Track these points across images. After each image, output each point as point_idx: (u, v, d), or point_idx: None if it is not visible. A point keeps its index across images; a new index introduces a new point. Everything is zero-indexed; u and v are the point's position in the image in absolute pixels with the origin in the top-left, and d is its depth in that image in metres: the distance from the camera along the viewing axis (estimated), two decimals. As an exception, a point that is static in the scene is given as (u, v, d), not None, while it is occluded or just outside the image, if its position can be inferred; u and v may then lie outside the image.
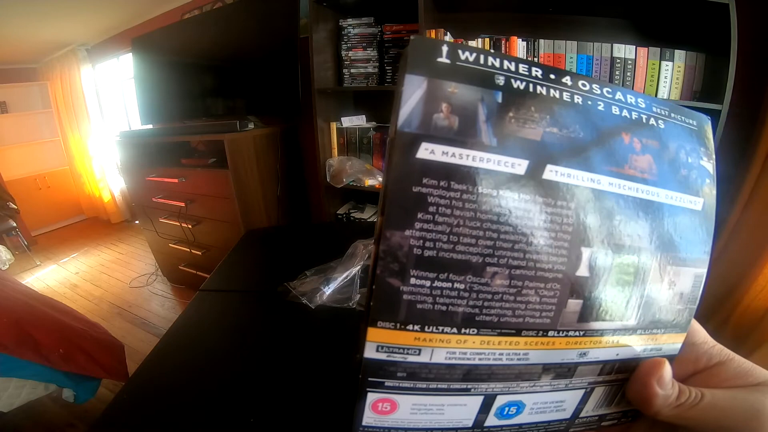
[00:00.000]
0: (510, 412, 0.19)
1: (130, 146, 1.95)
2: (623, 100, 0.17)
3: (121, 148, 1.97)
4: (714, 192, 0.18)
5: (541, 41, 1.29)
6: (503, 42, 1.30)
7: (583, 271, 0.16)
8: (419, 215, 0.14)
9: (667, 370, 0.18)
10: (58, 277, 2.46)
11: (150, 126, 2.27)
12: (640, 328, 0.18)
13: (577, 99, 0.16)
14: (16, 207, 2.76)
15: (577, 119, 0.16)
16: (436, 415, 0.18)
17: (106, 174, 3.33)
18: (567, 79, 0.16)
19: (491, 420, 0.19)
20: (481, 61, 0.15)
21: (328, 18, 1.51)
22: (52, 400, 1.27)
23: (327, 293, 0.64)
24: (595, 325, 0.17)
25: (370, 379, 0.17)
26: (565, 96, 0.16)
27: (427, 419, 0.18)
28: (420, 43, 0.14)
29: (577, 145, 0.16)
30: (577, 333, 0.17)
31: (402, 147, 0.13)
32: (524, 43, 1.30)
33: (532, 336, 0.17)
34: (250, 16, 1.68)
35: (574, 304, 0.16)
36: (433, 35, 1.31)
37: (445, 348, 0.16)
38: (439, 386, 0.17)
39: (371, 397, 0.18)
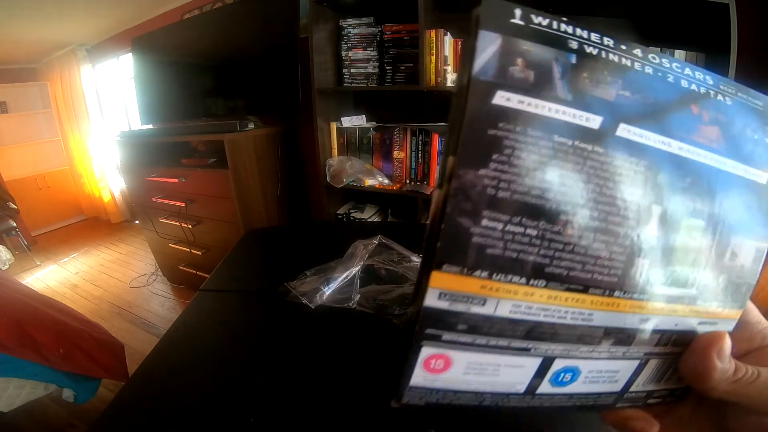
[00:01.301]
0: (564, 379, 0.19)
1: (130, 146, 1.95)
2: (691, 74, 0.17)
3: (121, 148, 1.97)
4: None
5: (541, 41, 1.29)
6: (503, 42, 1.30)
7: (652, 230, 0.16)
8: (494, 156, 0.14)
9: (728, 343, 0.18)
10: (58, 277, 2.47)
11: (150, 126, 2.27)
12: (701, 298, 0.18)
13: (648, 69, 0.16)
14: (16, 207, 2.76)
15: (649, 86, 0.16)
16: (490, 377, 0.18)
17: (106, 174, 3.33)
18: (638, 51, 0.16)
19: (545, 386, 0.19)
20: (554, 26, 0.15)
21: (328, 18, 1.51)
22: (52, 400, 1.27)
23: (327, 293, 0.64)
24: (659, 289, 0.17)
25: (427, 330, 0.16)
26: (636, 65, 0.16)
27: (479, 381, 0.18)
28: (493, 4, 0.14)
29: (648, 109, 0.16)
30: (641, 297, 0.17)
31: (478, 93, 0.14)
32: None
33: (598, 295, 0.16)
34: (250, 16, 1.68)
35: (641, 264, 0.17)
36: (433, 35, 1.31)
37: (511, 300, 0.16)
38: (500, 343, 0.17)
39: (425, 352, 0.17)
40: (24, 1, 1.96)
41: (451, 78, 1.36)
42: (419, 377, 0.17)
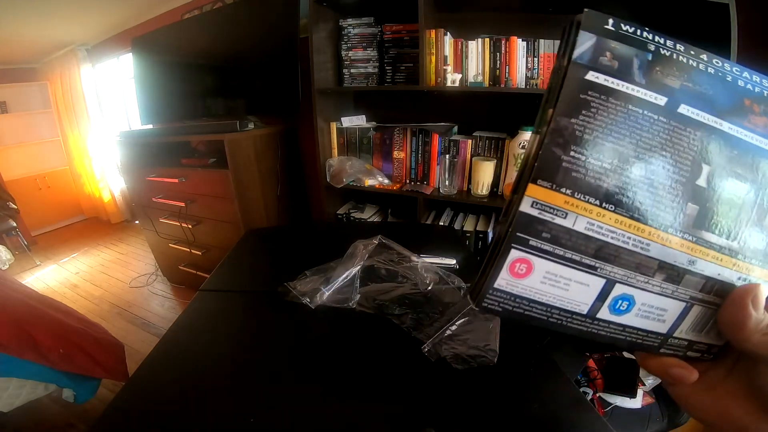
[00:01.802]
0: (621, 307, 0.22)
1: (130, 146, 1.95)
2: (749, 78, 0.20)
3: (121, 148, 1.97)
4: None
5: (541, 41, 1.29)
6: (503, 42, 1.30)
7: (701, 182, 0.20)
8: (583, 111, 0.19)
9: (762, 292, 0.19)
10: (58, 277, 2.46)
11: (150, 126, 2.27)
12: (742, 253, 0.21)
13: (711, 70, 0.20)
14: (16, 207, 2.76)
15: (709, 82, 0.20)
16: (561, 290, 0.21)
17: (106, 174, 3.33)
18: (704, 56, 0.20)
19: (603, 312, 0.22)
20: (638, 33, 0.20)
21: (328, 18, 1.51)
22: (52, 400, 1.27)
23: (327, 293, 0.64)
24: (706, 235, 0.20)
25: (518, 234, 0.20)
26: (701, 66, 0.20)
27: (552, 293, 0.21)
28: (592, 14, 0.19)
29: (706, 98, 0.20)
30: (690, 237, 0.20)
31: (576, 70, 0.19)
32: (524, 43, 1.30)
33: (655, 228, 0.20)
34: (250, 16, 1.68)
35: (692, 208, 0.20)
36: (433, 35, 1.31)
37: (586, 217, 0.20)
38: (573, 257, 0.20)
39: (513, 254, 0.20)
40: (24, 1, 1.96)
41: (451, 78, 1.36)
42: (503, 280, 0.21)
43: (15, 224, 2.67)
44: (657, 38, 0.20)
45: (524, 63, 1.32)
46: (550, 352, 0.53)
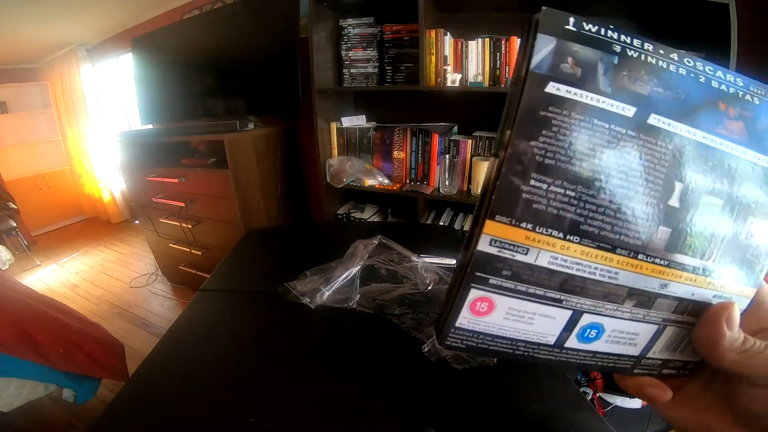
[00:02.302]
0: (590, 336, 0.21)
1: (130, 146, 1.95)
2: (723, 77, 0.19)
3: (121, 148, 1.97)
4: None
5: (541, 41, 1.29)
6: (503, 42, 1.30)
7: (674, 202, 0.19)
8: (543, 132, 0.17)
9: (736, 311, 0.19)
10: (58, 277, 2.46)
11: (150, 126, 2.27)
12: (717, 272, 0.20)
13: (682, 71, 0.19)
14: (16, 207, 2.76)
15: (680, 85, 0.18)
16: (525, 325, 0.20)
17: (106, 174, 3.33)
18: (674, 55, 0.19)
19: (572, 341, 0.21)
20: (602, 32, 0.18)
21: (328, 18, 1.51)
22: (52, 400, 1.27)
23: (327, 293, 0.64)
24: (679, 257, 0.19)
25: (477, 273, 0.19)
26: (672, 67, 0.18)
27: (516, 328, 0.20)
28: (551, 13, 0.17)
29: (678, 104, 0.18)
30: (662, 262, 0.19)
31: (534, 83, 0.17)
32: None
33: (624, 255, 0.19)
34: (250, 16, 1.68)
35: (663, 231, 0.19)
36: (433, 35, 1.31)
37: (549, 252, 0.18)
38: (537, 292, 0.19)
39: (473, 294, 0.19)
40: (24, 1, 1.96)
41: (451, 78, 1.36)
42: (464, 319, 0.20)
43: (15, 224, 2.67)
44: (623, 37, 0.18)
45: (524, 63, 1.32)
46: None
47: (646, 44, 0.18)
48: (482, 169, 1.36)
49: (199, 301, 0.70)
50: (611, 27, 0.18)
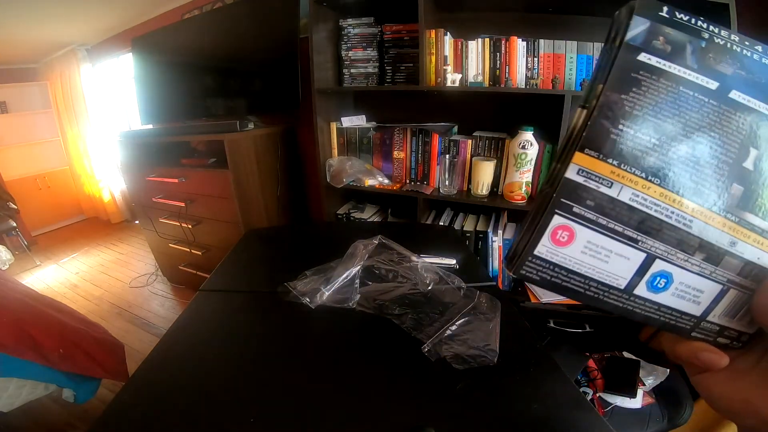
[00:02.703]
0: (659, 285, 0.22)
1: (130, 146, 1.95)
2: None
3: (121, 148, 1.97)
4: None
5: (541, 41, 1.29)
6: (503, 42, 1.30)
7: (748, 164, 0.20)
8: (634, 89, 0.19)
9: None
10: (58, 277, 2.46)
11: (150, 126, 2.27)
12: None
13: (765, 60, 0.20)
14: (16, 207, 2.76)
15: (762, 71, 0.20)
16: (601, 262, 0.21)
17: (106, 174, 3.33)
18: (759, 47, 0.20)
19: (641, 288, 0.22)
20: (692, 21, 0.20)
21: (328, 18, 1.51)
22: (52, 400, 1.27)
23: (327, 293, 0.64)
24: (749, 216, 0.20)
25: (562, 199, 0.20)
26: (756, 56, 0.20)
27: (592, 264, 0.21)
28: (646, 1, 0.19)
29: (758, 86, 0.20)
30: (733, 218, 0.20)
31: (628, 50, 0.19)
32: (524, 43, 1.30)
33: (699, 204, 0.20)
34: (250, 16, 1.68)
35: (737, 189, 0.20)
36: (433, 35, 1.31)
37: (631, 188, 0.20)
38: (616, 228, 0.20)
39: (556, 221, 0.20)
40: (24, 1, 1.96)
41: (451, 78, 1.36)
42: (544, 247, 0.21)
43: (15, 224, 2.67)
44: (712, 27, 0.20)
45: (524, 63, 1.32)
46: (549, 351, 0.53)
47: (733, 35, 0.20)
48: (482, 169, 1.36)
49: (199, 301, 0.70)
50: (701, 18, 0.20)
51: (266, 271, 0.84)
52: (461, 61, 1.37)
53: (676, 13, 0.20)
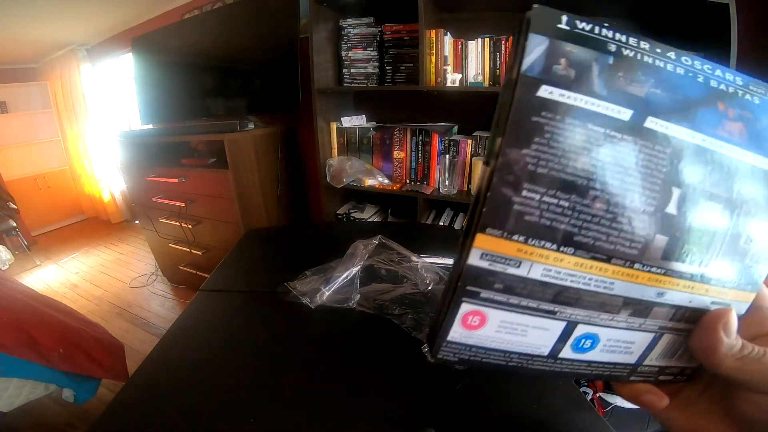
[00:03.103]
0: (584, 346, 0.20)
1: (130, 146, 1.95)
2: (722, 75, 0.18)
3: (121, 148, 1.97)
4: None
5: (541, 41, 1.29)
6: (503, 42, 1.30)
7: (671, 209, 0.18)
8: (536, 139, 0.16)
9: (734, 317, 0.19)
10: (58, 277, 2.46)
11: (150, 126, 2.27)
12: (715, 278, 0.19)
13: (680, 70, 0.18)
14: (16, 207, 2.76)
15: (678, 85, 0.18)
16: (518, 337, 0.20)
17: (106, 174, 3.33)
18: (671, 54, 0.18)
19: (566, 351, 0.21)
20: (596, 31, 0.17)
21: (328, 18, 1.51)
22: (52, 400, 1.27)
23: (327, 293, 0.64)
24: (676, 265, 0.19)
25: (468, 287, 0.18)
26: (669, 66, 0.17)
27: (509, 340, 0.20)
28: (543, 11, 0.16)
29: (676, 105, 0.18)
30: (659, 270, 0.19)
31: (525, 86, 0.16)
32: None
33: (619, 265, 0.18)
34: (250, 16, 1.68)
35: (660, 240, 0.18)
36: (433, 35, 1.31)
37: (542, 264, 0.18)
38: (529, 304, 0.19)
39: (464, 308, 0.19)
40: (24, 1, 1.96)
41: (451, 78, 1.36)
42: (456, 332, 0.19)
43: (15, 224, 2.67)
44: (618, 36, 0.17)
45: (524, 63, 1.32)
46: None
47: (642, 43, 0.17)
48: (482, 169, 1.36)
49: (199, 301, 0.70)
50: (606, 25, 0.17)
51: (266, 271, 0.83)
52: (461, 61, 1.37)
53: (578, 23, 0.16)
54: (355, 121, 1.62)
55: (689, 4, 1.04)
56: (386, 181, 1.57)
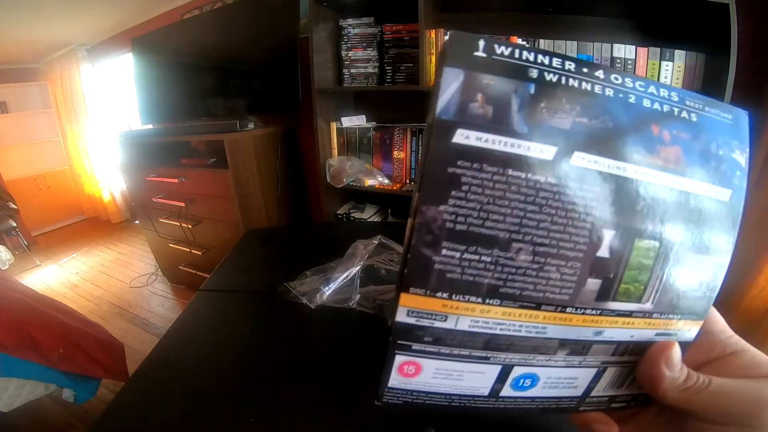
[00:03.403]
0: (524, 384, 0.20)
1: (130, 146, 1.95)
2: (656, 93, 0.17)
3: (121, 148, 1.97)
4: (744, 184, 0.18)
5: (541, 41, 1.29)
6: (503, 42, 1.30)
7: (603, 252, 0.17)
8: (453, 193, 0.15)
9: (676, 351, 0.18)
10: (58, 277, 2.46)
11: (150, 126, 2.27)
12: (657, 312, 0.18)
13: (609, 91, 0.16)
14: (16, 207, 2.76)
15: (607, 110, 0.16)
16: (456, 381, 0.20)
17: (106, 174, 3.33)
18: (600, 73, 0.16)
19: (507, 390, 0.20)
20: (516, 55, 0.15)
21: (328, 18, 1.51)
22: (52, 400, 1.27)
23: (327, 293, 0.64)
24: (612, 305, 0.18)
25: (399, 341, 0.18)
26: (597, 89, 0.16)
27: (447, 384, 0.20)
28: (458, 38, 0.15)
29: (605, 135, 0.16)
30: (594, 312, 0.18)
31: (440, 132, 0.15)
32: (524, 43, 1.30)
33: (550, 311, 0.17)
34: (250, 16, 1.68)
35: (592, 283, 0.17)
36: (433, 35, 1.31)
37: (469, 316, 0.17)
38: (461, 353, 0.18)
39: (398, 359, 0.19)
40: (24, 1, 1.96)
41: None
42: (395, 380, 0.20)
43: (15, 224, 2.67)
44: (540, 58, 0.16)
45: (524, 63, 1.32)
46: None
47: (567, 63, 0.16)
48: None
49: (199, 301, 0.70)
50: (526, 47, 0.16)
51: (266, 271, 0.83)
52: (461, 61, 1.37)
53: (496, 48, 0.15)
54: (355, 121, 1.62)
55: (689, 4, 1.04)
56: (386, 181, 1.57)
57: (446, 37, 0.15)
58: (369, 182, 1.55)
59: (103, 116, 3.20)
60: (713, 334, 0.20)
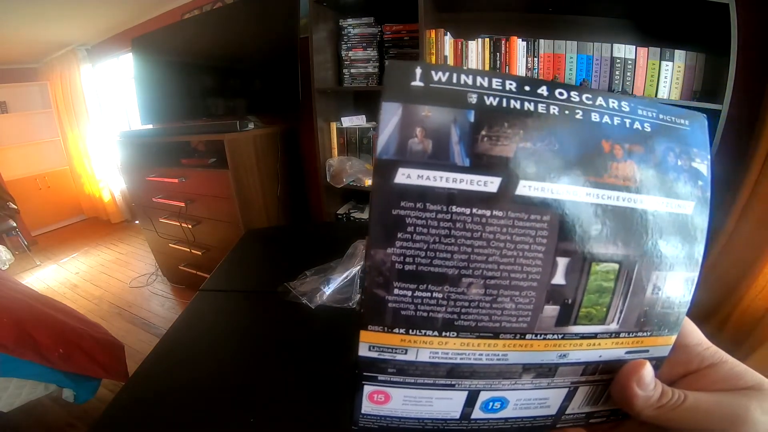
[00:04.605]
0: (495, 407, 0.20)
1: (130, 146, 1.95)
2: (604, 105, 0.16)
3: (121, 148, 1.97)
4: (707, 194, 0.17)
5: (541, 41, 1.29)
6: (503, 42, 1.30)
7: (558, 280, 0.16)
8: (399, 235, 0.15)
9: (647, 371, 0.18)
10: (58, 277, 2.46)
11: (150, 126, 2.27)
12: (624, 331, 0.18)
13: (553, 110, 0.15)
14: (16, 207, 2.76)
15: (553, 131, 0.15)
16: (426, 407, 0.20)
17: (106, 174, 3.33)
18: (543, 90, 0.16)
19: (477, 413, 0.20)
20: (454, 80, 0.15)
21: (328, 18, 1.51)
22: (52, 400, 1.27)
23: (327, 293, 0.64)
24: (574, 329, 0.18)
25: (365, 373, 0.19)
26: (540, 108, 0.15)
27: (418, 410, 0.20)
28: (395, 68, 0.14)
29: (551, 158, 0.15)
30: (555, 336, 0.18)
31: (382, 173, 0.14)
32: (524, 43, 1.30)
33: (509, 338, 0.17)
34: (250, 16, 1.68)
35: (550, 310, 0.17)
36: (433, 35, 1.31)
37: (428, 348, 0.17)
38: (426, 381, 0.19)
39: (367, 389, 0.20)
40: (24, 1, 1.96)
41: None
42: (368, 408, 0.20)
43: (15, 224, 2.67)
44: (480, 80, 0.15)
45: (524, 63, 1.32)
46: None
47: (508, 82, 0.15)
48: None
49: (199, 301, 0.70)
50: (464, 70, 0.15)
51: (266, 271, 0.84)
52: (461, 61, 1.37)
53: (433, 75, 0.14)
54: (355, 121, 1.62)
55: (689, 4, 1.04)
56: (386, 181, 1.56)
57: (385, 70, 0.14)
58: (369, 182, 1.55)
59: (103, 116, 3.21)
60: (689, 347, 0.20)
